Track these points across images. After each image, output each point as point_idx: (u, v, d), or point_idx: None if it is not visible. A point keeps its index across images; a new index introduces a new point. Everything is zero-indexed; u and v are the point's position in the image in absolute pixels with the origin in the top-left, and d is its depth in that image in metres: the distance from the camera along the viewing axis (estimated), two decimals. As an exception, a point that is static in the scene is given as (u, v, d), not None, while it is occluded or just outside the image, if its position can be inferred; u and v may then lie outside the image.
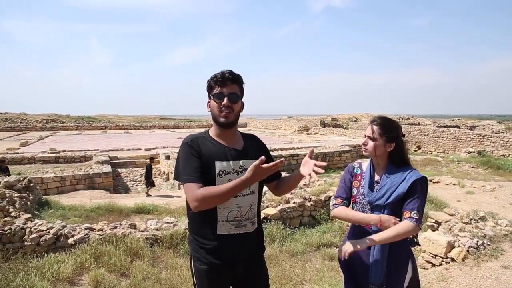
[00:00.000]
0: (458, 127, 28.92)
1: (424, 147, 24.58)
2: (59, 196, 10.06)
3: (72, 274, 3.78)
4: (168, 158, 15.17)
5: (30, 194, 7.88)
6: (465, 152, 19.09)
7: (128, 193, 12.12)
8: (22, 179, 8.20)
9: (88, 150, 17.33)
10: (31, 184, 8.34)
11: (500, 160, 16.57)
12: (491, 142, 20.50)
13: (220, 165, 1.76)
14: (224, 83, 1.75)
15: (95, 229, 4.81)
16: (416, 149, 24.70)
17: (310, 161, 1.73)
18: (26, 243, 4.32)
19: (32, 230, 4.47)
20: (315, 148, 17.33)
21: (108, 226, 4.92)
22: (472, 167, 15.49)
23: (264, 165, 1.57)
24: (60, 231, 4.54)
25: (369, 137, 1.96)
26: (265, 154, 1.95)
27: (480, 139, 21.26)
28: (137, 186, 13.23)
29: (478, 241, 4.04)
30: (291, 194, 6.88)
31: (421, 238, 4.16)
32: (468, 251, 3.90)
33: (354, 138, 24.41)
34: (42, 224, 4.71)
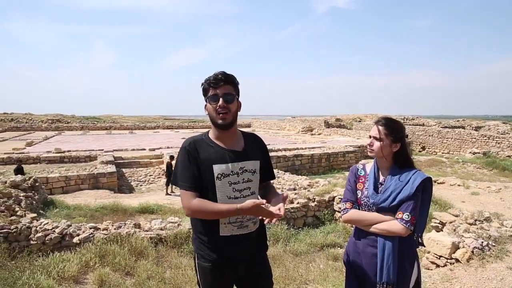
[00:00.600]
0: (463, 127, 28.74)
1: (429, 148, 24.45)
2: (64, 196, 10.14)
3: (77, 273, 3.81)
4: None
5: (36, 194, 7.96)
6: (470, 153, 18.97)
7: (132, 193, 12.17)
8: (27, 178, 8.27)
9: (93, 150, 17.42)
10: (37, 184, 8.42)
11: (505, 161, 16.46)
12: (496, 143, 20.36)
13: (218, 168, 1.77)
14: (218, 85, 1.75)
15: (100, 228, 4.85)
16: (421, 149, 24.58)
17: (280, 204, 1.73)
18: (32, 242, 4.37)
19: (37, 229, 4.51)
20: (319, 149, 17.31)
21: (112, 226, 4.96)
22: (477, 168, 15.39)
23: (263, 205, 1.64)
24: (65, 230, 4.58)
25: (374, 137, 1.95)
26: (264, 155, 1.96)
27: (485, 140, 21.12)
28: (141, 186, 13.27)
29: (483, 242, 4.02)
30: (295, 194, 6.87)
31: (425, 238, 4.15)
32: (472, 252, 3.88)
33: (358, 139, 24.32)
34: (48, 223, 4.75)
